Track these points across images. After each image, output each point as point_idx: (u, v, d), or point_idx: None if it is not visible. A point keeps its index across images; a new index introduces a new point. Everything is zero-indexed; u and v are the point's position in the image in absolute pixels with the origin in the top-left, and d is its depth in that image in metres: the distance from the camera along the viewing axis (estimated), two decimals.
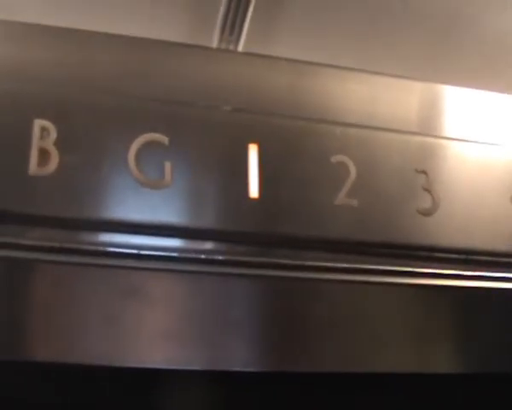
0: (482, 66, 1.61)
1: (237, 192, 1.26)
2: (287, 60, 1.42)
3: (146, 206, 1.24)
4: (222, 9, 1.49)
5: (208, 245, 1.25)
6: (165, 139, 1.26)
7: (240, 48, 1.50)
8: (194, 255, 1.25)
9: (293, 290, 1.28)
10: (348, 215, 1.29)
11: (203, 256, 1.26)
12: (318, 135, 1.32)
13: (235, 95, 1.37)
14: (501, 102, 1.55)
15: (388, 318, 1.38)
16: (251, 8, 1.49)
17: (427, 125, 1.45)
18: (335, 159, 1.31)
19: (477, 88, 1.52)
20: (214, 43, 1.49)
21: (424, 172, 1.36)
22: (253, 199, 1.26)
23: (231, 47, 1.49)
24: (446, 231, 1.35)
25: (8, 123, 1.22)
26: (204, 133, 1.30)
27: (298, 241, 1.26)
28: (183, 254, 1.25)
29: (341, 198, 1.29)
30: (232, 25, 1.48)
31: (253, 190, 1.26)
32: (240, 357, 1.36)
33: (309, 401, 1.59)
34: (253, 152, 1.28)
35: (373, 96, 1.44)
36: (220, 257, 1.24)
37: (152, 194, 1.24)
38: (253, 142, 1.29)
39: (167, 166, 1.25)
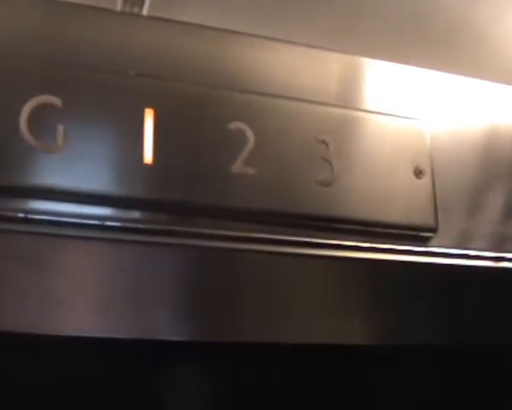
0: (392, 38, 1.60)
1: (132, 157, 1.24)
2: (193, 25, 1.40)
3: (38, 170, 1.21)
4: None
5: (100, 210, 1.23)
6: (59, 102, 1.23)
7: (145, 11, 1.47)
8: (86, 221, 1.23)
9: (185, 258, 1.27)
10: (245, 183, 1.28)
11: (96, 222, 1.23)
12: (217, 102, 1.31)
13: (139, 59, 1.34)
14: (411, 76, 1.55)
15: (286, 288, 1.37)
16: None
17: (335, 95, 1.44)
18: (233, 126, 1.29)
19: (390, 61, 1.52)
20: (118, 6, 1.46)
21: (325, 143, 1.35)
22: (148, 165, 1.24)
23: (135, 10, 1.46)
24: (345, 202, 1.35)
25: None
26: (102, 97, 1.28)
27: (191, 208, 1.25)
28: (76, 220, 1.23)
29: (238, 166, 1.27)
30: None
31: (148, 156, 1.24)
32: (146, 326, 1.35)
33: (228, 371, 1.60)
34: (149, 117, 1.26)
35: (281, 65, 1.43)
36: (112, 223, 1.22)
37: (44, 158, 1.21)
38: (150, 107, 1.27)
39: (60, 129, 1.22)
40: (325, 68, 1.48)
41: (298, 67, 1.44)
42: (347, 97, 1.48)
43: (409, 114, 1.48)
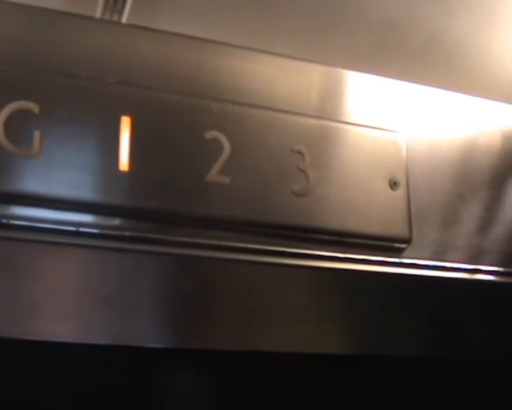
0: (370, 51, 1.61)
1: (108, 164, 1.25)
2: (172, 34, 1.41)
3: (14, 175, 1.22)
4: None
5: (76, 217, 1.23)
6: (36, 108, 1.24)
7: (124, 19, 1.48)
8: (62, 227, 1.23)
9: (160, 265, 1.28)
10: (220, 192, 1.29)
11: (72, 228, 1.24)
12: (193, 110, 1.31)
13: (118, 67, 1.35)
14: (389, 88, 1.56)
15: (260, 297, 1.38)
16: None
17: (311, 106, 1.45)
18: (209, 135, 1.30)
19: (363, 71, 1.53)
20: (98, 13, 1.47)
21: (300, 153, 1.36)
22: (124, 172, 1.24)
23: (115, 18, 1.47)
24: (320, 212, 1.36)
25: None
26: (79, 104, 1.28)
27: (165, 216, 1.25)
28: (52, 226, 1.23)
29: (213, 175, 1.28)
30: None
31: (124, 163, 1.25)
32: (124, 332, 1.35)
33: (205, 379, 1.60)
34: (125, 124, 1.26)
35: (258, 74, 1.44)
36: (85, 229, 1.22)
37: (20, 163, 1.22)
38: (127, 114, 1.27)
39: (36, 134, 1.22)
40: (304, 79, 1.49)
41: (276, 77, 1.45)
42: (325, 108, 1.48)
43: (386, 125, 1.49)
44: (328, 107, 1.49)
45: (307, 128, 1.39)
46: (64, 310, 1.35)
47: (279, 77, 1.45)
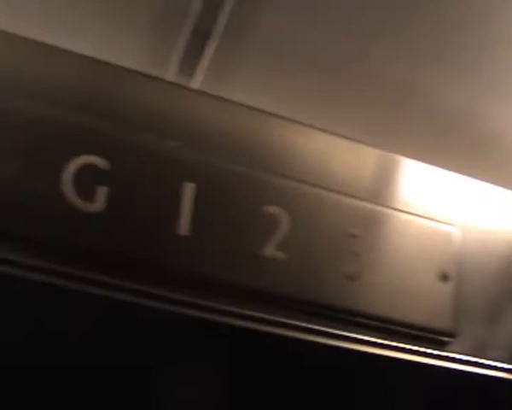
0: (432, 141, 1.63)
1: (167, 227, 1.27)
2: (237, 104, 1.44)
3: (78, 228, 1.24)
4: (184, 40, 1.51)
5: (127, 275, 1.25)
6: (104, 163, 1.27)
7: (198, 81, 1.51)
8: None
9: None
10: (273, 267, 1.30)
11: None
12: (254, 183, 1.34)
13: (183, 132, 1.38)
14: (445, 180, 1.57)
15: (295, 374, 1.38)
16: (213, 45, 1.51)
17: (366, 191, 1.47)
18: (268, 209, 1.32)
19: (423, 161, 1.54)
20: (172, 72, 1.51)
21: (355, 237, 1.37)
22: (182, 236, 1.27)
23: (188, 79, 1.51)
24: (368, 297, 1.36)
25: None
26: (145, 163, 1.31)
27: (216, 283, 1.27)
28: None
29: (269, 249, 1.30)
30: (192, 57, 1.50)
31: (184, 228, 1.27)
32: None
33: None
34: (188, 190, 1.29)
35: (317, 153, 1.46)
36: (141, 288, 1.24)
37: (84, 216, 1.24)
38: (190, 180, 1.30)
39: (102, 189, 1.25)
40: (360, 162, 1.51)
41: (334, 157, 1.47)
42: (379, 193, 1.50)
43: (440, 217, 1.49)
44: (383, 192, 1.50)
45: (363, 212, 1.40)
46: None
47: (337, 156, 1.48)
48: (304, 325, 1.32)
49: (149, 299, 1.25)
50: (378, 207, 1.43)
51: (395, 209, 1.45)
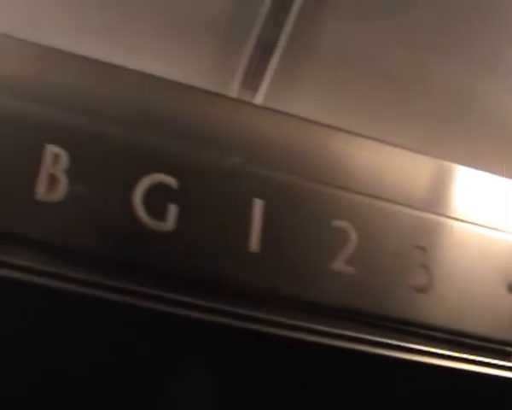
0: (490, 149, 1.63)
1: (238, 244, 1.28)
2: (301, 119, 1.44)
3: (146, 247, 1.25)
4: (246, 57, 1.52)
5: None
6: (172, 181, 1.28)
7: (260, 96, 1.52)
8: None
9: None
10: (343, 282, 1.30)
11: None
12: (323, 197, 1.34)
13: (247, 147, 1.39)
14: (506, 188, 1.56)
15: (370, 388, 1.38)
16: (275, 61, 1.52)
17: (431, 202, 1.47)
18: (337, 223, 1.32)
19: (482, 170, 1.54)
20: (235, 88, 1.52)
21: (423, 249, 1.37)
22: (253, 253, 1.27)
23: (251, 94, 1.52)
24: (438, 309, 1.36)
25: (19, 146, 1.23)
26: (212, 180, 1.32)
27: (287, 300, 1.28)
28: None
29: (339, 263, 1.30)
30: (255, 72, 1.51)
31: (254, 245, 1.27)
32: None
33: None
34: (258, 207, 1.29)
35: (383, 166, 1.46)
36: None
37: (150, 234, 1.25)
38: (259, 196, 1.30)
39: (172, 208, 1.26)
40: (420, 172, 1.51)
41: (398, 169, 1.47)
42: (441, 203, 1.50)
43: (503, 226, 1.49)
44: (444, 202, 1.50)
45: (429, 224, 1.41)
46: None
47: (405, 170, 1.47)
48: (375, 339, 1.31)
49: (222, 316, 1.25)
50: (443, 218, 1.43)
51: (460, 220, 1.45)
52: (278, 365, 1.32)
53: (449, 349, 1.37)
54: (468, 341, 1.38)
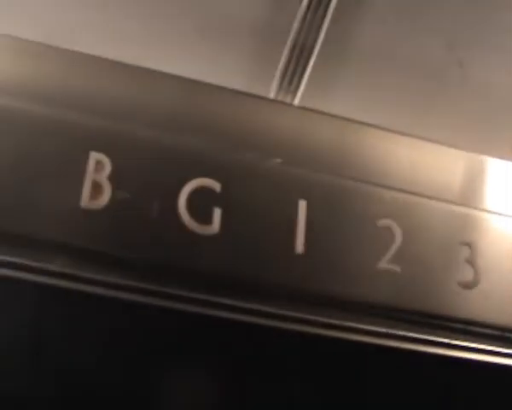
0: None
1: (282, 246, 1.27)
2: (340, 118, 1.44)
3: (191, 251, 1.25)
4: (283, 58, 1.52)
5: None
6: (216, 185, 1.28)
7: (298, 98, 1.53)
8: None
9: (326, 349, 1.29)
10: (389, 280, 1.30)
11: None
12: (366, 197, 1.33)
13: (287, 148, 1.39)
14: None
15: (420, 386, 1.37)
16: (312, 62, 1.53)
17: (472, 197, 1.46)
18: (381, 222, 1.32)
19: None
20: (273, 90, 1.52)
21: (468, 245, 1.36)
22: (299, 255, 1.27)
23: (289, 96, 1.52)
24: (485, 305, 1.35)
25: (63, 153, 1.23)
26: (254, 183, 1.32)
27: (335, 300, 1.27)
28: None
29: (385, 262, 1.29)
30: (292, 74, 1.52)
31: (300, 246, 1.27)
32: None
33: None
34: (301, 208, 1.29)
35: (422, 163, 1.45)
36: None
37: (196, 239, 1.25)
38: (302, 197, 1.30)
39: (217, 212, 1.26)
40: (464, 168, 1.50)
41: (439, 165, 1.46)
42: (481, 198, 1.49)
43: None
44: (489, 198, 1.49)
45: (475, 220, 1.39)
46: None
47: (444, 166, 1.46)
48: (423, 337, 1.31)
49: (271, 319, 1.25)
50: (487, 214, 1.42)
51: (504, 215, 1.44)
52: (329, 367, 1.31)
53: (499, 346, 1.36)
54: None
